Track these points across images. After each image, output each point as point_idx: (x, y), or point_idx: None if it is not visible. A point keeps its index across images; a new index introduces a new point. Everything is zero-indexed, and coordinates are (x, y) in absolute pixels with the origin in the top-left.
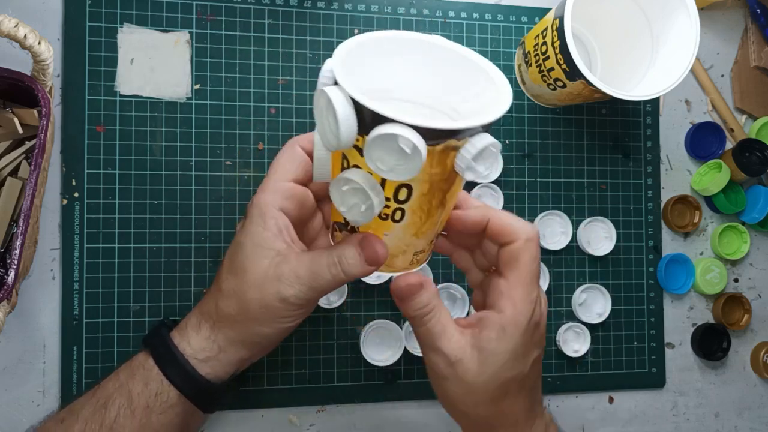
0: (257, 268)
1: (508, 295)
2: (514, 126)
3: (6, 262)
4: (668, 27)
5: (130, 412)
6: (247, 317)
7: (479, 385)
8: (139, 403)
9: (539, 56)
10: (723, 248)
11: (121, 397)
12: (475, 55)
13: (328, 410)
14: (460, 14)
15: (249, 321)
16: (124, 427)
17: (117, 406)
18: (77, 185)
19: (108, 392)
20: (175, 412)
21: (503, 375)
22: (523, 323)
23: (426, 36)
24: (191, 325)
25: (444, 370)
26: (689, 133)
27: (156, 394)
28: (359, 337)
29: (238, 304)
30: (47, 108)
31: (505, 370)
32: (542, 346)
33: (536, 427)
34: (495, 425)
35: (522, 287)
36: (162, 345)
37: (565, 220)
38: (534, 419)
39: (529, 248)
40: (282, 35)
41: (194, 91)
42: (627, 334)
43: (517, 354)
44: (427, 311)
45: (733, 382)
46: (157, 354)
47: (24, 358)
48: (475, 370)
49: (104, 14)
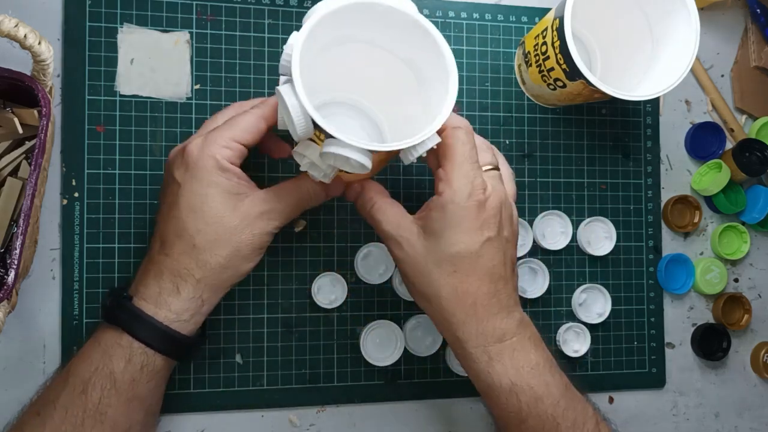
0: (237, 213)
1: (445, 179)
2: (514, 126)
3: (6, 262)
4: (668, 27)
5: (115, 391)
6: (237, 259)
7: (426, 257)
8: (124, 379)
9: (539, 56)
10: (723, 248)
11: (101, 378)
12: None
13: (328, 410)
14: (460, 14)
15: (239, 262)
16: (110, 405)
17: (99, 388)
18: (77, 185)
19: (84, 377)
20: (160, 375)
21: (447, 250)
22: (460, 201)
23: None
24: (167, 291)
25: (398, 252)
26: (689, 133)
27: (141, 367)
28: (359, 337)
29: (227, 249)
30: (47, 108)
31: (448, 246)
32: (496, 231)
33: (501, 318)
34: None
35: (456, 169)
36: (136, 319)
37: (565, 220)
38: (499, 309)
39: (456, 135)
40: (282, 35)
41: (194, 91)
42: (627, 334)
43: (459, 229)
44: (371, 204)
45: (733, 382)
46: (133, 329)
47: (24, 358)
48: (421, 246)
49: (104, 14)
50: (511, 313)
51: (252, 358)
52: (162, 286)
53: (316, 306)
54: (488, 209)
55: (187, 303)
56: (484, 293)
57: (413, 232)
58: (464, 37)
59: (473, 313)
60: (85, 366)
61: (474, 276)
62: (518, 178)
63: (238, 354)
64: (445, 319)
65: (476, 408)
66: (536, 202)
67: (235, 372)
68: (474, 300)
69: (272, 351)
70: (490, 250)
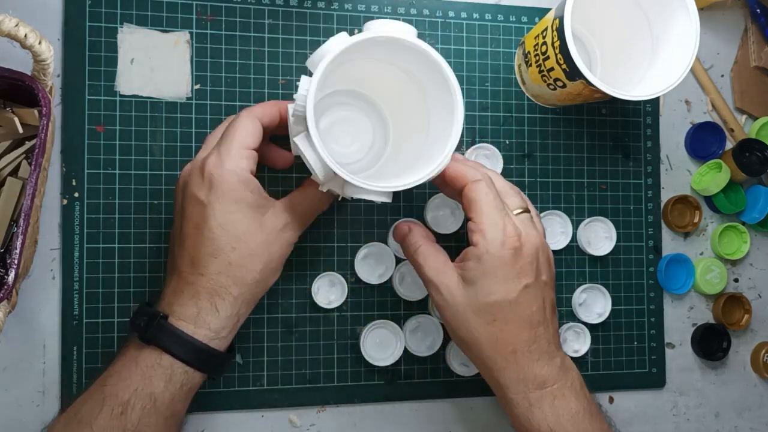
0: (265, 227)
1: (477, 230)
2: (514, 126)
3: (6, 262)
4: (668, 27)
5: (154, 411)
6: (269, 272)
7: (466, 307)
8: (164, 398)
9: (539, 56)
10: (723, 248)
11: (141, 399)
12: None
13: (328, 410)
14: (460, 14)
15: (270, 275)
16: (149, 425)
17: (139, 409)
18: (77, 185)
19: (122, 399)
20: (196, 390)
21: (485, 299)
22: (494, 251)
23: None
24: (205, 310)
25: (438, 298)
26: (689, 133)
27: (181, 385)
28: (359, 337)
29: (261, 263)
30: (47, 108)
31: (486, 294)
32: (534, 277)
33: (542, 364)
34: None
35: (485, 220)
36: (176, 340)
37: (565, 220)
38: (540, 355)
39: (479, 187)
40: (282, 35)
41: (194, 91)
42: (627, 334)
43: (495, 279)
44: (415, 248)
45: (733, 382)
46: (174, 349)
47: (24, 358)
48: (460, 294)
49: (104, 14)
50: (552, 359)
51: (252, 358)
52: (200, 306)
53: (316, 306)
54: (525, 256)
55: (225, 321)
56: (523, 340)
57: (453, 279)
58: (464, 37)
59: (513, 360)
60: (124, 386)
61: (513, 324)
62: (518, 178)
63: (238, 354)
64: (486, 366)
65: (476, 408)
66: (536, 202)
67: (235, 372)
68: (514, 348)
69: (272, 351)
70: (528, 297)
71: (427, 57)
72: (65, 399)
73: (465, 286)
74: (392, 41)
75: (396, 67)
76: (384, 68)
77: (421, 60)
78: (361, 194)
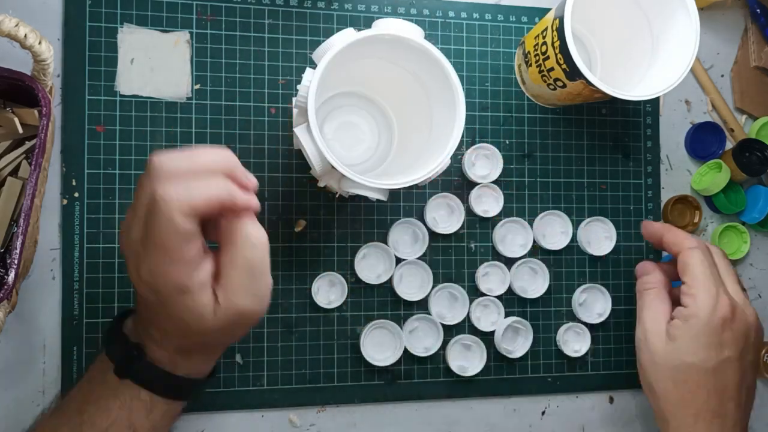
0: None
1: (689, 293)
2: (514, 126)
3: (6, 262)
4: (668, 27)
5: None
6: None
7: (662, 359)
8: (144, 426)
9: (539, 56)
10: (723, 248)
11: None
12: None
13: (328, 410)
14: (460, 14)
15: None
16: None
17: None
18: (77, 185)
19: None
20: (179, 412)
21: (683, 358)
22: (703, 316)
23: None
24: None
25: (641, 340)
26: (689, 133)
27: (162, 415)
28: (359, 337)
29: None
30: (47, 108)
31: (685, 354)
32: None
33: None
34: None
35: (697, 286)
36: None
37: (565, 220)
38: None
39: (693, 255)
40: (282, 35)
41: (194, 91)
42: (627, 334)
43: (698, 343)
44: (648, 287)
45: None
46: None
47: (24, 358)
48: (661, 347)
49: (104, 14)
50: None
51: (252, 358)
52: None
53: (316, 306)
54: (734, 330)
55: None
56: (709, 410)
57: (662, 330)
58: (464, 37)
59: (692, 423)
60: (103, 417)
61: (703, 391)
62: (518, 178)
63: (238, 354)
64: (663, 418)
65: (476, 408)
66: (536, 202)
67: (235, 372)
68: (696, 412)
69: (272, 351)
70: (728, 370)
71: (429, 56)
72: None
73: (668, 341)
74: (398, 40)
75: (398, 66)
76: (386, 67)
77: (424, 59)
78: (357, 189)
